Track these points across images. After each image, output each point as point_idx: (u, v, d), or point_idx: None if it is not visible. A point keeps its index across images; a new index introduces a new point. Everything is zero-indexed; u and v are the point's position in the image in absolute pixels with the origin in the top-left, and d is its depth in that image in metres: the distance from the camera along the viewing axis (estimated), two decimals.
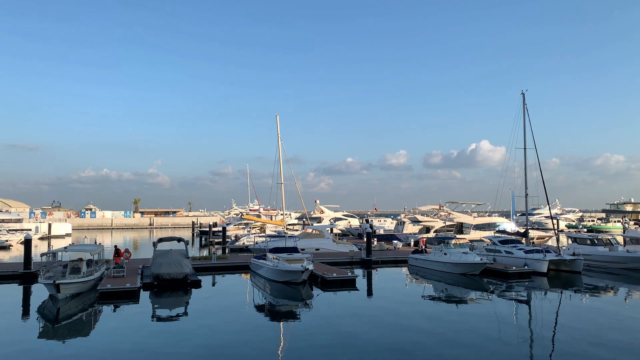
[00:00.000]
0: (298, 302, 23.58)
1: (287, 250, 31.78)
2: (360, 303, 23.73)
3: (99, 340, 16.54)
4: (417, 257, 36.34)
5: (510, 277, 30.35)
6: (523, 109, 38.34)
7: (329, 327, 18.16)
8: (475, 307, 22.62)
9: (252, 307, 22.94)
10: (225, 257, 38.44)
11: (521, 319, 20.12)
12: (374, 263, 37.48)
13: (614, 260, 34.56)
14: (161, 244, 32.46)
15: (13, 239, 61.76)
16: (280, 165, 55.78)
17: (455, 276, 30.82)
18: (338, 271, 29.51)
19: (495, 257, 35.14)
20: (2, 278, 30.27)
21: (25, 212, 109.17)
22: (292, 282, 27.47)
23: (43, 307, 22.15)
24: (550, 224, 67.77)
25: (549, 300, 24.16)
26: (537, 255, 32.73)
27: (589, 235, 40.14)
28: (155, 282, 27.11)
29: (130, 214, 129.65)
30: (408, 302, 23.63)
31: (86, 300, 23.19)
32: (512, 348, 15.27)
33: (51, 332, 18.09)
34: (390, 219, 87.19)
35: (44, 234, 79.71)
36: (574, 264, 32.26)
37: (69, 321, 19.61)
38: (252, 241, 48.46)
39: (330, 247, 44.27)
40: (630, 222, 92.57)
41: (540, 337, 16.82)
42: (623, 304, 23.91)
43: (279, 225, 59.75)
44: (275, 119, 56.31)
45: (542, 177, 37.49)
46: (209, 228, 68.62)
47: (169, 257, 28.97)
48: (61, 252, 27.76)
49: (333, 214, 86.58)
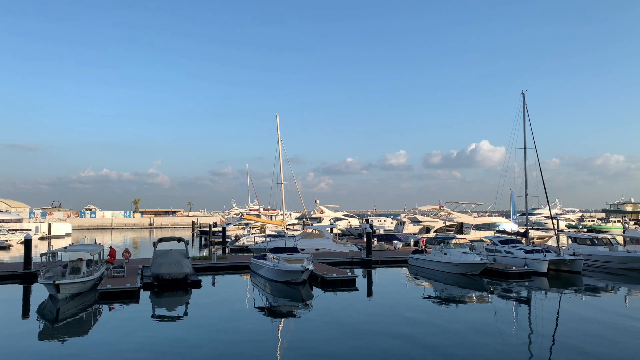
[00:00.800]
0: (298, 302, 23.57)
1: (287, 250, 31.78)
2: (360, 303, 23.73)
3: (99, 340, 16.52)
4: (417, 257, 36.34)
5: (510, 277, 30.34)
6: (523, 109, 38.36)
7: (329, 327, 18.15)
8: (475, 307, 22.61)
9: (252, 307, 22.94)
10: (225, 257, 38.44)
11: (521, 319, 20.11)
12: (374, 263, 37.47)
13: (614, 260, 34.55)
14: (161, 244, 32.44)
15: (13, 239, 61.77)
16: (280, 165, 55.84)
17: (455, 276, 30.81)
18: (338, 271, 29.50)
19: (495, 257, 35.14)
20: (2, 278, 30.27)
21: (25, 212, 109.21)
22: (292, 282, 27.47)
23: (43, 307, 22.14)
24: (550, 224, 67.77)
25: (549, 300, 24.16)
26: (537, 255, 32.73)
27: (589, 235, 40.14)
28: (155, 282, 27.10)
29: (130, 214, 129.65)
30: (408, 302, 23.63)
31: (86, 300, 23.19)
32: (512, 348, 15.27)
33: (51, 332, 18.08)
34: (390, 219, 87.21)
35: (44, 234, 79.70)
36: (574, 264, 32.25)
37: (69, 321, 19.61)
38: (252, 241, 48.47)
39: (330, 247, 44.27)
40: (630, 222, 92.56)
41: (540, 337, 16.81)
42: (623, 304, 23.90)
43: (279, 225, 59.76)
44: (275, 119, 56.40)
45: (542, 177, 37.54)
46: (209, 228, 68.64)
47: (169, 257, 28.96)
48: (61, 252, 27.74)
49: (333, 214, 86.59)
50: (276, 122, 56.14)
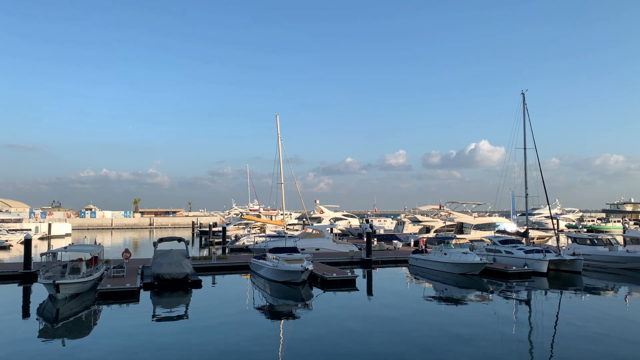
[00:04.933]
0: (298, 302, 23.57)
1: (287, 250, 31.78)
2: (360, 303, 23.72)
3: (98, 340, 16.53)
4: (417, 257, 36.34)
5: (510, 277, 30.34)
6: (523, 109, 38.36)
7: (329, 327, 18.15)
8: (475, 307, 22.61)
9: (252, 307, 22.94)
10: (225, 257, 38.44)
11: (521, 319, 20.11)
12: (374, 263, 37.47)
13: (614, 260, 34.55)
14: (161, 244, 32.43)
15: (13, 239, 61.75)
16: (280, 165, 55.79)
17: (455, 276, 30.81)
18: (338, 271, 29.50)
19: (495, 257, 35.14)
20: (2, 278, 30.26)
21: (25, 212, 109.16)
22: (292, 282, 27.47)
23: (43, 307, 22.14)
24: (550, 224, 67.74)
25: (549, 300, 24.16)
26: (537, 255, 32.73)
27: (588, 235, 40.15)
28: (155, 282, 27.11)
29: (130, 214, 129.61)
30: (408, 302, 23.63)
31: (86, 300, 23.18)
32: (512, 348, 15.26)
33: (51, 332, 18.09)
34: (390, 219, 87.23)
35: (44, 234, 79.68)
36: (574, 264, 32.25)
37: (69, 321, 19.61)
38: (252, 241, 48.45)
39: (330, 247, 44.26)
40: (630, 222, 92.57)
41: (540, 337, 16.81)
42: (623, 304, 23.89)
43: (279, 225, 59.73)
44: (275, 119, 56.37)
45: (542, 177, 37.54)
46: (209, 228, 68.65)
47: (170, 257, 28.95)
48: (61, 252, 27.73)
49: (333, 214, 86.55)
50: (276, 122, 56.18)
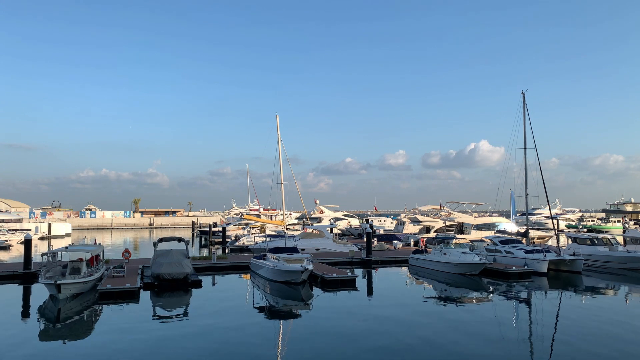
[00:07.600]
0: (298, 302, 23.58)
1: (287, 250, 31.79)
2: (360, 303, 23.72)
3: (99, 340, 16.54)
4: (417, 257, 36.35)
5: (510, 277, 30.35)
6: (523, 109, 38.38)
7: (329, 327, 18.16)
8: (475, 307, 22.61)
9: (252, 307, 22.95)
10: (225, 257, 38.44)
11: (521, 319, 20.12)
12: (374, 263, 37.48)
13: (614, 260, 34.56)
14: (161, 244, 32.45)
15: (13, 239, 61.73)
16: (280, 165, 55.83)
17: (455, 276, 30.82)
18: (338, 271, 29.50)
19: (496, 257, 35.14)
20: (2, 278, 30.28)
21: (25, 212, 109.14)
22: (292, 282, 27.48)
23: (43, 307, 22.15)
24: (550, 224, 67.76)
25: (549, 300, 24.16)
26: (537, 255, 32.73)
27: (589, 235, 40.14)
28: (155, 282, 27.12)
29: (130, 214, 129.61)
30: (408, 302, 23.63)
31: (86, 300, 23.20)
32: (512, 348, 15.27)
33: (52, 332, 18.10)
34: (390, 219, 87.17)
35: (44, 234, 79.69)
36: (574, 264, 32.26)
37: (70, 321, 19.61)
38: (252, 241, 48.46)
39: (330, 247, 44.27)
40: (630, 222, 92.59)
41: (540, 337, 16.82)
42: (623, 304, 23.90)
43: (279, 225, 59.75)
44: (275, 119, 56.40)
45: (542, 177, 37.55)
46: (209, 228, 68.66)
47: (170, 257, 28.97)
48: (61, 252, 27.73)
49: (333, 214, 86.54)
50: (276, 122, 56.22)
